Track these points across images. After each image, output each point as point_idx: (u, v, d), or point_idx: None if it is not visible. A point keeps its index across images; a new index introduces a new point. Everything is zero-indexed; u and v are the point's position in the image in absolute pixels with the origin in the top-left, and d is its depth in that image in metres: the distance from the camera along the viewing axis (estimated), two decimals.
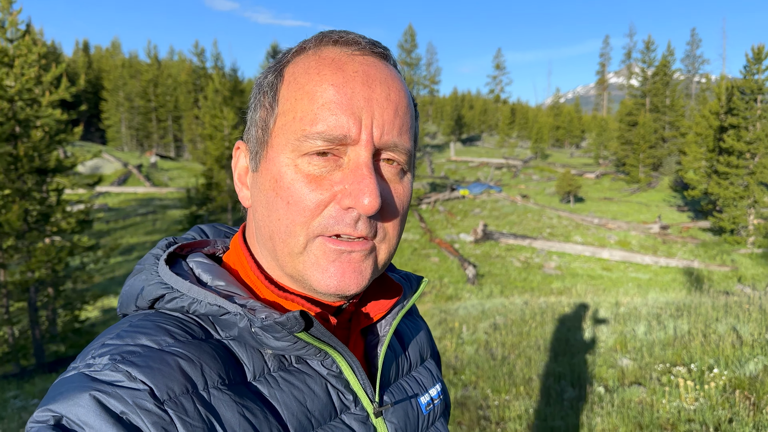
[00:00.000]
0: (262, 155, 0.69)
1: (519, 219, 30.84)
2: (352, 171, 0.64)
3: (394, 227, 0.70)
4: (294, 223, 0.64)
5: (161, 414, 0.55)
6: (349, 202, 0.63)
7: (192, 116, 59.16)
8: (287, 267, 0.68)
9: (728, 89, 34.07)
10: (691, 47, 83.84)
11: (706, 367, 5.22)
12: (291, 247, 0.66)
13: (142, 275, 0.71)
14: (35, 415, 0.55)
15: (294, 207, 0.64)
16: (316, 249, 0.65)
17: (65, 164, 15.48)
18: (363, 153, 0.65)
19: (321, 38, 0.69)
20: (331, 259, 0.65)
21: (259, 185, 0.69)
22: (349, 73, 0.65)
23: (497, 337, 7.77)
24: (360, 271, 0.66)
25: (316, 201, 0.64)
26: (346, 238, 0.65)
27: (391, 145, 0.67)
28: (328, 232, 0.65)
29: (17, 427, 6.96)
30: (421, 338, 0.96)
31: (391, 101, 0.67)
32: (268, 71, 0.71)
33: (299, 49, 0.70)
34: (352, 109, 0.64)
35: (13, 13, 14.64)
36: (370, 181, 0.63)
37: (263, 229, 0.69)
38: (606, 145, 58.99)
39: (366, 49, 0.68)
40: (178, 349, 0.61)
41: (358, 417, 0.72)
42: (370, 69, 0.67)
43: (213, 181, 31.47)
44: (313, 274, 0.65)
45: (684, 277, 20.59)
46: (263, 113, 0.69)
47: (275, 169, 0.66)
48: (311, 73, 0.66)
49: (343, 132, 0.63)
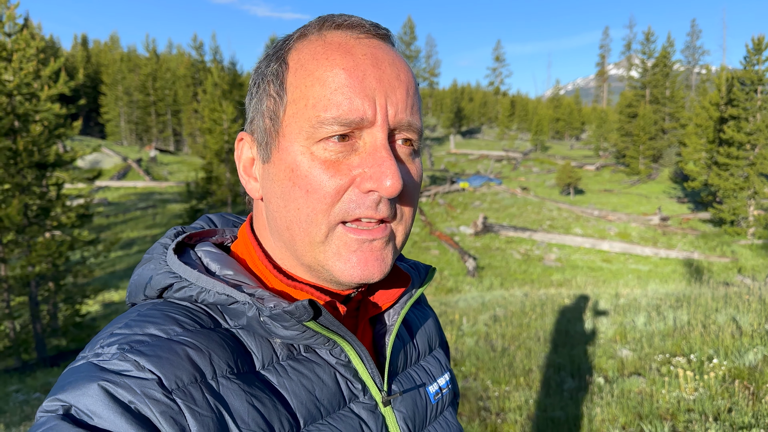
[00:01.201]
0: (274, 145, 0.67)
1: (519, 211, 30.85)
2: (370, 154, 0.64)
3: (410, 208, 0.70)
4: (315, 211, 0.64)
5: (169, 403, 0.55)
6: (371, 185, 0.63)
7: (191, 110, 59.05)
8: (306, 257, 0.67)
9: (728, 80, 33.98)
10: (691, 38, 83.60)
11: (705, 357, 5.24)
12: (312, 236, 0.65)
13: (150, 264, 0.71)
14: (44, 405, 0.55)
15: (314, 195, 0.63)
16: (338, 239, 0.65)
17: (65, 158, 15.47)
18: (379, 134, 0.64)
19: (322, 23, 0.68)
20: (353, 248, 0.65)
21: (272, 176, 0.68)
22: (358, 56, 0.65)
23: (497, 329, 7.79)
24: (382, 258, 0.66)
25: (335, 186, 0.63)
26: (366, 224, 0.65)
27: (405, 125, 0.67)
28: (349, 217, 0.64)
29: (19, 420, 6.99)
30: (430, 327, 0.95)
31: (402, 81, 0.67)
32: (270, 59, 0.70)
33: (301, 35, 0.69)
34: (366, 91, 0.63)
35: (11, 7, 14.59)
36: (390, 163, 0.63)
37: (279, 220, 0.68)
38: (606, 137, 58.92)
39: (371, 32, 0.68)
40: (186, 338, 0.61)
41: (367, 406, 0.72)
42: (377, 51, 0.67)
43: (213, 175, 31.44)
44: (336, 264, 0.65)
45: (684, 268, 20.62)
46: (270, 103, 0.68)
47: (290, 159, 0.65)
48: (319, 58, 0.65)
49: (359, 115, 0.63)
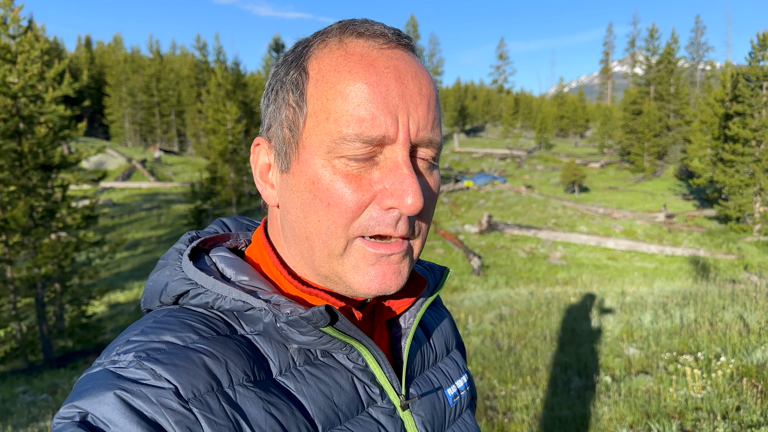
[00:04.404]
0: (293, 156, 0.67)
1: (524, 209, 30.80)
2: (392, 170, 0.63)
3: (426, 222, 0.69)
4: (336, 225, 0.63)
5: (186, 413, 0.55)
6: (392, 203, 0.62)
7: (195, 110, 59.17)
8: (323, 268, 0.67)
9: (733, 76, 33.87)
10: (695, 34, 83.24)
11: (713, 355, 5.22)
12: (331, 248, 0.65)
13: (165, 270, 0.71)
14: (61, 411, 0.55)
15: (335, 208, 0.63)
16: (356, 252, 0.65)
17: (69, 160, 15.53)
18: (401, 152, 0.63)
19: (343, 30, 0.67)
20: (371, 262, 0.65)
21: (291, 186, 0.67)
22: (380, 69, 0.63)
23: (503, 328, 7.78)
24: (399, 271, 0.66)
25: (357, 201, 0.63)
26: (385, 240, 0.65)
27: (426, 142, 0.66)
28: (368, 233, 0.64)
29: (27, 422, 7.01)
30: (446, 329, 0.95)
31: (424, 96, 0.65)
32: (289, 65, 0.68)
33: (320, 42, 0.67)
34: (389, 107, 0.62)
35: (15, 9, 14.64)
36: (412, 181, 0.62)
37: (298, 230, 0.67)
38: (610, 135, 58.77)
39: (393, 42, 0.66)
40: (202, 346, 0.61)
41: (385, 410, 0.71)
42: (400, 63, 0.65)
43: (217, 175, 31.53)
44: (354, 276, 0.65)
45: (690, 265, 20.56)
46: (289, 113, 0.67)
47: (311, 171, 0.64)
48: (341, 70, 0.63)
49: (381, 132, 0.62)
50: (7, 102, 14.03)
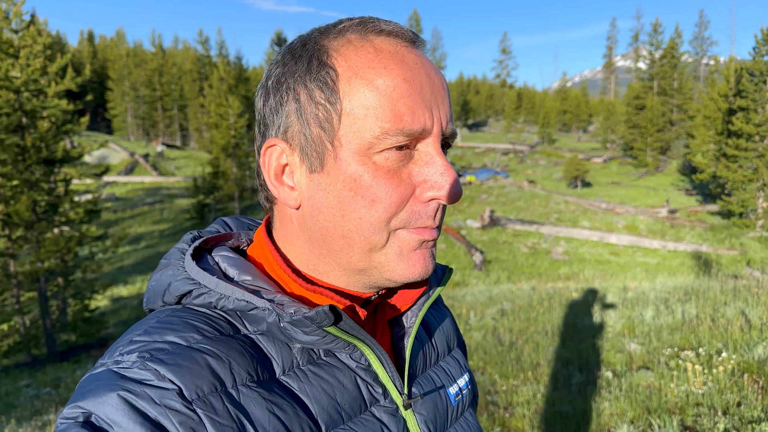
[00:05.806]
0: (328, 155, 0.65)
1: (526, 204, 30.79)
2: (428, 163, 0.66)
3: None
4: (380, 220, 0.64)
5: (190, 414, 0.56)
6: (433, 194, 0.65)
7: (197, 105, 59.18)
8: (361, 263, 0.68)
9: (737, 71, 33.72)
10: (699, 29, 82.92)
11: (714, 351, 5.22)
12: (373, 243, 0.66)
13: (168, 270, 0.70)
14: (65, 412, 0.56)
15: (379, 204, 0.64)
16: (399, 241, 0.66)
17: (72, 154, 15.55)
18: (436, 144, 0.66)
19: (364, 26, 0.67)
20: (414, 248, 0.67)
21: (326, 186, 0.66)
22: (411, 65, 0.65)
23: (505, 323, 7.79)
24: (432, 255, 0.69)
25: (400, 196, 0.64)
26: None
27: (449, 133, 0.69)
28: (410, 226, 0.66)
29: (30, 415, 7.05)
30: (447, 327, 0.95)
31: (446, 90, 0.69)
32: (302, 61, 0.67)
33: (339, 38, 0.67)
34: (425, 101, 0.64)
35: (17, 3, 14.64)
36: (451, 171, 0.65)
37: (332, 229, 0.67)
38: (613, 129, 58.65)
39: (413, 41, 0.68)
40: (206, 346, 0.61)
41: (388, 409, 0.72)
42: (424, 60, 0.67)
43: (219, 170, 31.51)
44: (398, 264, 0.67)
45: (692, 261, 20.55)
46: (321, 111, 0.65)
47: (350, 169, 0.64)
48: (376, 67, 0.64)
49: (421, 125, 0.63)
50: (9, 96, 14.04)
